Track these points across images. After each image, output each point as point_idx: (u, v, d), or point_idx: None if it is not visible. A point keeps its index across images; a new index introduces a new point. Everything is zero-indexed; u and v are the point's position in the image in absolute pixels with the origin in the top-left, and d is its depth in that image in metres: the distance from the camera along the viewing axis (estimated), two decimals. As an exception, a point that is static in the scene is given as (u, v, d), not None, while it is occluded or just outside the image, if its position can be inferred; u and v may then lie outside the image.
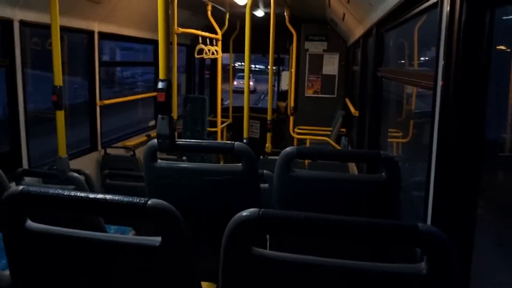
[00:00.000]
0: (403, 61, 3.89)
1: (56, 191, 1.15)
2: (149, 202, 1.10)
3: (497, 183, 1.83)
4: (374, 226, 1.01)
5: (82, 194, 1.14)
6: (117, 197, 1.12)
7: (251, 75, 7.66)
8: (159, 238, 1.13)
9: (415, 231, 0.99)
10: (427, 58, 3.23)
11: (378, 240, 1.04)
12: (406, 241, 1.02)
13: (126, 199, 1.12)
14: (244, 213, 1.06)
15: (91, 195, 1.14)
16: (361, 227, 1.02)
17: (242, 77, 9.28)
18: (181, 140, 2.17)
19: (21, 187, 1.17)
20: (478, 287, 1.49)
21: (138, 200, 1.11)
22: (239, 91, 13.44)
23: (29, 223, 1.21)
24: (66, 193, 1.15)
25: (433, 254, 0.99)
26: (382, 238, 1.03)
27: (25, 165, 3.84)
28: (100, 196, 1.13)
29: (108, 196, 1.13)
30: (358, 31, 5.20)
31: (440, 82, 1.50)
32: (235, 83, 23.52)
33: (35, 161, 4.09)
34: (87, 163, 4.86)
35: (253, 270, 1.11)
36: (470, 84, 1.35)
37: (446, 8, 1.44)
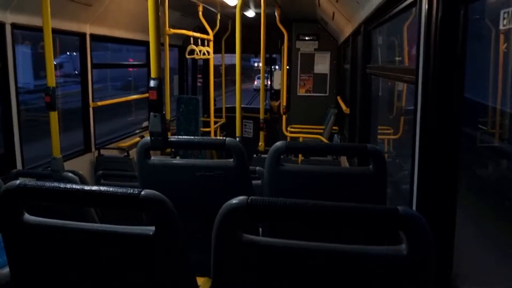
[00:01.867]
0: (398, 58, 3.97)
1: (52, 184, 1.20)
2: (142, 192, 1.15)
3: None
4: (356, 210, 1.07)
5: (78, 187, 1.19)
6: (111, 189, 1.17)
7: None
8: (152, 228, 1.18)
9: (395, 214, 1.04)
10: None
11: (361, 224, 1.09)
12: (387, 224, 1.08)
13: (120, 190, 1.17)
14: (234, 200, 1.11)
15: (86, 187, 1.18)
16: (344, 211, 1.07)
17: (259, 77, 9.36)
18: (174, 137, 2.22)
19: (18, 181, 1.22)
20: (461, 269, 1.56)
21: (131, 191, 1.16)
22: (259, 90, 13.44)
23: (27, 216, 1.25)
24: (62, 185, 1.19)
25: (412, 235, 1.05)
26: (364, 221, 1.09)
27: (19, 166, 3.87)
28: (94, 188, 1.18)
29: (102, 188, 1.18)
30: (347, 30, 5.27)
31: (420, 76, 1.57)
32: (255, 82, 23.98)
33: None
34: (81, 165, 4.89)
35: (244, 257, 1.15)
36: (448, 76, 1.41)
37: (424, 5, 1.50)
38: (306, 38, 8.03)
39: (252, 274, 1.18)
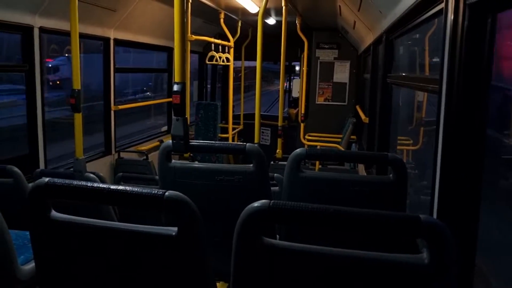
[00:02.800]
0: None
1: (79, 183, 1.23)
2: (166, 193, 1.17)
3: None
4: (379, 217, 1.07)
5: (104, 186, 1.22)
6: (136, 189, 1.20)
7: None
8: (175, 228, 1.20)
9: (417, 222, 1.04)
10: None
11: (383, 231, 1.09)
12: (408, 232, 1.07)
13: (144, 190, 1.19)
14: (255, 204, 1.13)
15: (112, 187, 1.21)
16: (365, 218, 1.08)
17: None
18: (195, 141, 2.25)
19: (46, 179, 1.25)
20: (483, 280, 1.54)
21: (156, 191, 1.18)
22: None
23: (54, 213, 1.28)
24: (89, 184, 1.22)
25: (434, 244, 1.05)
26: (385, 228, 1.09)
27: (42, 166, 3.96)
28: (120, 187, 1.21)
29: (128, 188, 1.20)
30: (368, 39, 5.26)
31: (444, 85, 1.56)
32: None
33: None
34: (101, 166, 4.97)
35: (264, 260, 1.16)
36: (473, 86, 1.41)
37: (450, 15, 1.50)
38: (326, 46, 8.03)
39: (272, 278, 1.18)
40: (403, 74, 3.68)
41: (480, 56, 1.38)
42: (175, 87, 2.18)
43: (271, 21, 7.10)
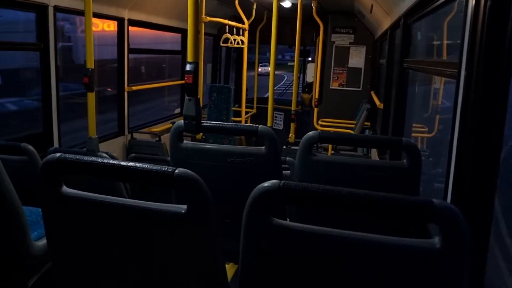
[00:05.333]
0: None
1: (90, 159, 1.23)
2: (176, 171, 1.17)
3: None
4: (392, 200, 1.05)
5: (115, 162, 1.21)
6: (146, 166, 1.19)
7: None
8: (184, 206, 1.19)
9: (431, 206, 1.02)
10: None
11: (395, 214, 1.07)
12: (421, 216, 1.05)
13: (155, 167, 1.19)
14: (266, 184, 1.11)
15: (123, 163, 1.21)
16: (378, 200, 1.06)
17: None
18: (207, 122, 2.23)
19: (58, 154, 1.26)
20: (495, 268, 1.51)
21: (166, 168, 1.18)
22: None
23: (65, 188, 1.29)
24: (100, 160, 1.22)
25: (447, 229, 1.02)
26: (398, 212, 1.07)
27: (56, 145, 4.00)
28: (131, 164, 1.20)
29: (138, 164, 1.20)
30: (386, 23, 5.16)
31: (463, 70, 1.52)
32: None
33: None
34: (114, 147, 5.01)
35: (273, 240, 1.16)
36: (493, 69, 1.36)
37: None
38: (342, 31, 7.90)
39: (281, 258, 1.18)
40: (421, 58, 3.61)
41: (502, 38, 1.33)
42: (188, 67, 2.17)
43: (287, 3, 7.00)
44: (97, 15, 4.42)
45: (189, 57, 2.19)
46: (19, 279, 2.19)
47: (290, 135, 5.46)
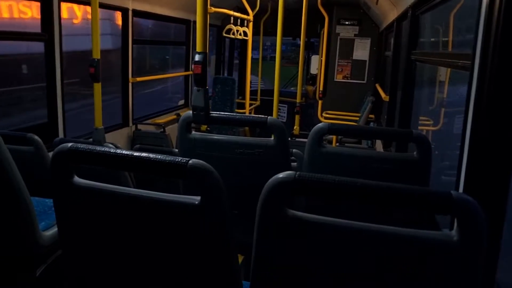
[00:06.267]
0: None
1: (102, 149, 1.22)
2: (190, 161, 1.16)
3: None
4: (409, 191, 1.04)
5: (127, 152, 1.20)
6: (160, 156, 1.18)
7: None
8: (198, 197, 1.18)
9: (449, 198, 1.01)
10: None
11: (412, 205, 1.06)
12: (439, 208, 1.04)
13: (168, 158, 1.18)
14: (281, 175, 1.10)
15: (136, 153, 1.20)
16: (395, 192, 1.05)
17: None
18: (215, 112, 2.22)
19: (70, 144, 1.25)
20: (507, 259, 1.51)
21: (180, 159, 1.17)
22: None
23: (76, 179, 1.28)
24: (112, 150, 1.21)
25: (465, 221, 1.01)
26: (415, 204, 1.06)
27: (61, 135, 3.99)
28: (144, 154, 1.19)
29: (151, 155, 1.19)
30: (392, 15, 5.11)
31: (478, 61, 1.50)
32: None
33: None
34: (118, 138, 5.00)
35: (287, 231, 1.15)
36: (508, 61, 1.34)
37: None
38: (347, 23, 7.84)
39: (295, 250, 1.17)
40: (430, 50, 3.58)
41: None
42: (197, 57, 2.15)
43: None
44: (102, 6, 4.39)
45: (198, 47, 2.17)
46: (27, 269, 2.20)
47: (295, 127, 5.44)
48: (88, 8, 3.60)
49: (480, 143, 1.45)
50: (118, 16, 5.08)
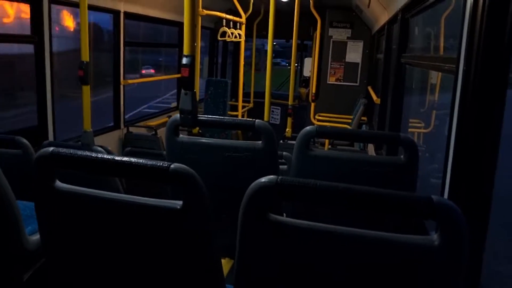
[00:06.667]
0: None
1: (84, 153, 1.21)
2: (172, 166, 1.15)
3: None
4: (389, 196, 1.04)
5: (109, 157, 1.20)
6: (141, 161, 1.18)
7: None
8: (180, 202, 1.18)
9: (430, 203, 1.01)
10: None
11: (393, 211, 1.06)
12: (420, 213, 1.04)
13: (150, 162, 1.17)
14: (263, 179, 1.10)
15: (117, 158, 1.19)
16: (376, 197, 1.04)
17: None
18: (203, 116, 2.21)
19: (51, 148, 1.24)
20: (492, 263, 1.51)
21: (161, 163, 1.16)
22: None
23: (58, 183, 1.27)
24: (93, 155, 1.20)
25: (445, 226, 1.01)
26: (396, 208, 1.06)
27: (50, 139, 3.97)
28: (125, 159, 1.18)
29: (133, 159, 1.18)
30: (383, 18, 5.14)
31: (462, 65, 1.51)
32: None
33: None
34: (109, 140, 4.97)
35: (270, 236, 1.14)
36: (492, 65, 1.35)
37: None
38: (340, 25, 7.86)
39: (278, 254, 1.17)
40: (418, 53, 3.60)
41: (502, 32, 1.32)
42: (184, 60, 2.14)
43: None
44: (92, 8, 4.37)
45: (185, 50, 2.16)
46: (14, 274, 2.18)
47: (287, 129, 5.44)
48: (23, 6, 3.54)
49: (465, 148, 1.46)
50: (66, 17, 4.93)
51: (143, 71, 11.25)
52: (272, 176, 1.10)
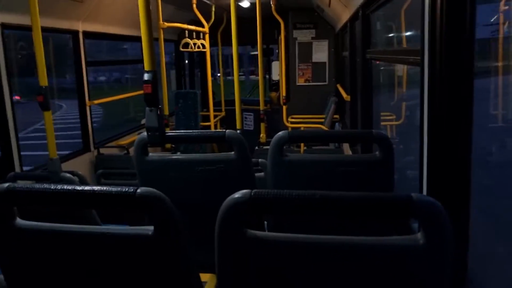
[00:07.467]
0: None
1: (42, 186, 1.13)
2: (138, 190, 1.08)
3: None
4: (367, 199, 1.00)
5: (69, 187, 1.12)
6: (105, 188, 1.10)
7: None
8: (151, 227, 1.11)
9: (409, 202, 0.97)
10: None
11: (373, 214, 1.02)
12: (400, 212, 1.01)
13: (114, 189, 1.10)
14: (236, 194, 1.05)
15: (78, 187, 1.11)
16: (354, 201, 1.00)
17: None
18: (171, 132, 2.14)
19: (6, 184, 1.15)
20: (476, 257, 1.49)
21: (127, 189, 1.09)
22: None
23: (19, 220, 1.18)
24: (53, 187, 1.12)
25: (428, 224, 0.98)
26: (376, 210, 1.02)
27: (17, 169, 3.80)
28: (87, 188, 1.11)
29: (96, 188, 1.11)
30: (345, 16, 5.17)
31: (427, 56, 1.49)
32: None
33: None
34: (80, 165, 4.82)
35: (248, 253, 1.09)
36: (456, 53, 1.34)
37: None
38: (303, 26, 7.91)
39: (258, 270, 1.11)
40: (382, 48, 3.62)
41: (462, 19, 1.31)
42: (146, 76, 2.07)
43: (245, 3, 6.94)
44: (47, 30, 4.24)
45: (146, 66, 2.09)
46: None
47: (261, 135, 5.40)
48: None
49: (439, 139, 1.44)
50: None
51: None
52: (245, 191, 1.04)
